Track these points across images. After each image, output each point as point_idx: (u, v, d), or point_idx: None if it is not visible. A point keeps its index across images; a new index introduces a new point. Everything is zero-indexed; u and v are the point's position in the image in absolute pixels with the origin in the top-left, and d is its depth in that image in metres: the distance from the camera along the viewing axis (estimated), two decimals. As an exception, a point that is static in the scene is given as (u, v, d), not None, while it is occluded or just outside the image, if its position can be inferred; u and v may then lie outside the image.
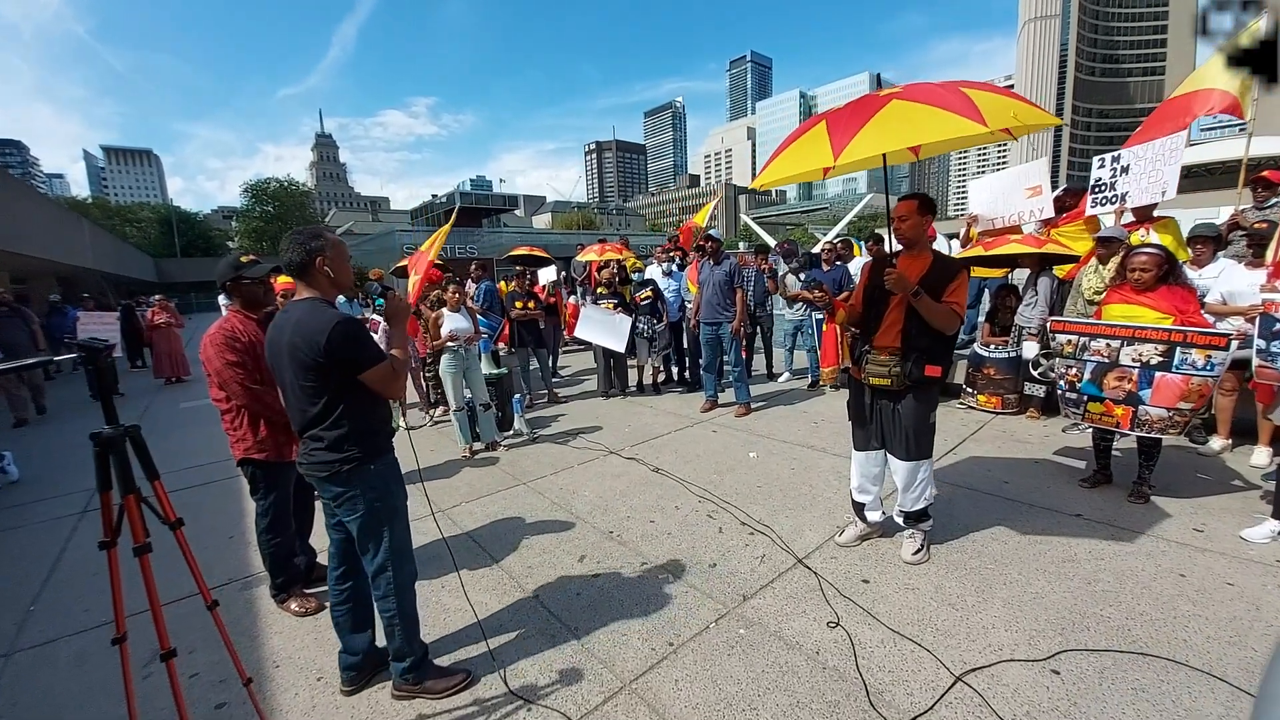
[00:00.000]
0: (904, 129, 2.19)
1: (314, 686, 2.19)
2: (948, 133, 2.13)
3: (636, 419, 5.70)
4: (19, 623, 2.69)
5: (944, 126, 2.11)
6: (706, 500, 3.64)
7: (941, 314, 2.52)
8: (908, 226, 2.64)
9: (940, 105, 2.14)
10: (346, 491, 1.93)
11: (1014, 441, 4.43)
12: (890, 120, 2.21)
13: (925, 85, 2.32)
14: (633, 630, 2.39)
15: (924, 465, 2.74)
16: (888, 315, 2.68)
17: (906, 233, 2.65)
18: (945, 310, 2.53)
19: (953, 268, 2.64)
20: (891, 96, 2.29)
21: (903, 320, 2.62)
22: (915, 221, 2.63)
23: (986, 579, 2.62)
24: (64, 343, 2.87)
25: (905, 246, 2.71)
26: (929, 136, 2.16)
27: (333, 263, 1.93)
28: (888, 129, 2.20)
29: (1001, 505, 3.36)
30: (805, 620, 2.40)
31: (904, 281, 2.50)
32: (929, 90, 2.25)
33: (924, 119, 2.16)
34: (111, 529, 1.47)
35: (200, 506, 3.99)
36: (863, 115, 2.27)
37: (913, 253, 2.70)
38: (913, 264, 2.66)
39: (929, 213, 2.64)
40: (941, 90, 2.22)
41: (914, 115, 2.19)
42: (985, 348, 5.22)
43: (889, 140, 2.20)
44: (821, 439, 4.72)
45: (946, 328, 2.56)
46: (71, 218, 19.97)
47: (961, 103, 2.11)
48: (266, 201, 50.14)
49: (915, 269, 2.63)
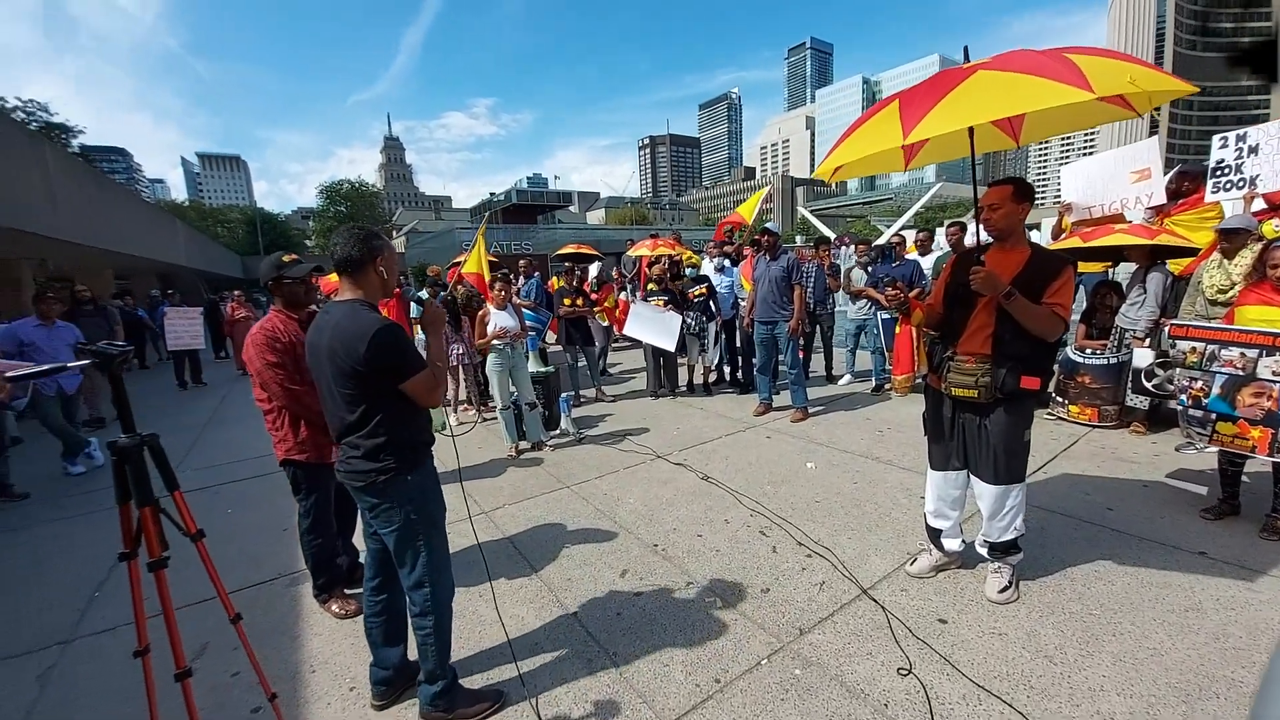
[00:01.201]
0: (988, 101, 1.86)
1: (346, 697, 2.12)
2: (1043, 101, 1.76)
3: (686, 421, 5.47)
4: (82, 609, 2.80)
5: (1038, 94, 1.75)
6: (759, 514, 3.38)
7: (1041, 318, 2.17)
8: (999, 216, 2.29)
9: (1034, 72, 1.79)
10: (382, 503, 1.84)
11: (1117, 460, 3.90)
12: (972, 93, 1.89)
13: (1020, 52, 1.97)
14: (676, 661, 2.18)
15: (1015, 490, 2.38)
16: (974, 317, 2.33)
17: (998, 223, 2.30)
18: (1045, 313, 2.17)
19: (1055, 264, 2.26)
20: (976, 68, 1.96)
21: (993, 324, 2.28)
22: (1009, 210, 2.27)
23: (1091, 628, 2.25)
24: (77, 349, 2.98)
25: (997, 239, 2.36)
26: (1020, 107, 1.81)
27: (387, 264, 1.89)
28: (967, 102, 1.87)
29: (1106, 537, 2.92)
30: (871, 664, 2.12)
31: (994, 281, 2.16)
32: (1023, 57, 1.90)
33: (1012, 88, 1.82)
34: (131, 540, 1.40)
35: (259, 499, 4.10)
36: (940, 90, 1.95)
37: (1005, 246, 2.34)
38: (1006, 259, 2.30)
39: (1025, 200, 2.27)
40: (1039, 56, 1.87)
41: (1001, 85, 1.85)
42: (1080, 352, 4.64)
43: (969, 113, 1.87)
44: (888, 450, 4.34)
45: (1048, 333, 2.20)
46: (168, 219, 21.75)
47: (1061, 68, 1.76)
48: (340, 202, 53.24)
49: (1009, 266, 2.27)
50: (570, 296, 6.28)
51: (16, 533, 3.79)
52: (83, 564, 3.25)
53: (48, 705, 2.17)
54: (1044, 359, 2.29)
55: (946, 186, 46.76)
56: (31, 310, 5.01)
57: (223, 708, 2.09)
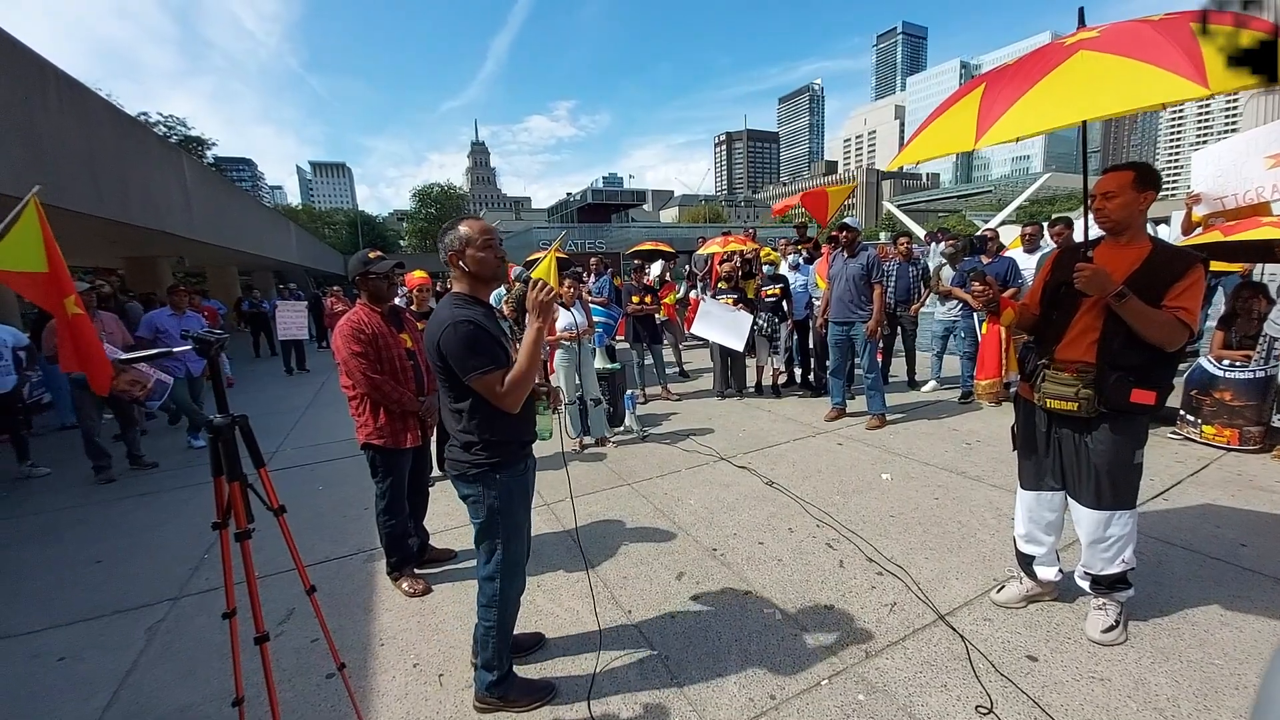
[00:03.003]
0: (1078, 96, 1.60)
1: (409, 673, 2.23)
2: (1145, 99, 1.48)
3: (752, 423, 5.32)
4: (194, 567, 3.14)
5: (1139, 90, 1.48)
6: (826, 525, 3.21)
7: (1160, 324, 1.88)
8: (1116, 206, 2.00)
9: (1142, 56, 1.51)
10: (471, 494, 1.90)
11: (1255, 489, 3.36)
12: (1065, 82, 1.63)
13: (1136, 24, 1.66)
14: (730, 674, 2.11)
15: (1122, 517, 2.09)
16: (1077, 321, 2.07)
17: (1114, 214, 2.01)
18: (1166, 320, 1.88)
19: (1181, 262, 1.94)
20: (1080, 45, 1.69)
21: (1100, 328, 2.01)
22: (1127, 200, 1.98)
23: (1212, 679, 1.94)
24: (181, 335, 3.33)
25: (1111, 233, 2.07)
26: (1110, 108, 1.53)
27: (473, 254, 1.82)
28: (1055, 96, 1.63)
29: (1236, 576, 2.52)
30: (946, 697, 1.94)
31: (1101, 280, 1.90)
32: (1136, 32, 1.61)
33: (1111, 79, 1.55)
34: (223, 511, 1.53)
35: (347, 477, 4.43)
36: (1033, 74, 1.70)
37: (1121, 241, 2.05)
38: (1120, 256, 2.02)
39: (1149, 189, 1.97)
40: (1153, 32, 1.56)
41: (1099, 73, 1.59)
42: (1217, 364, 4.04)
43: (1052, 114, 1.62)
44: (976, 464, 3.99)
45: (1167, 342, 1.91)
46: (282, 222, 24.10)
47: (1178, 51, 1.46)
48: (430, 204, 56.79)
49: (1123, 263, 1.99)
50: (638, 294, 6.29)
51: (144, 497, 4.33)
52: (199, 528, 3.63)
53: (152, 655, 2.43)
54: (1162, 370, 1.99)
55: (1056, 176, 42.41)
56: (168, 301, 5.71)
57: (301, 671, 2.25)
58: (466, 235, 1.84)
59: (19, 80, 6.15)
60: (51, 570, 3.23)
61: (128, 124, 9.14)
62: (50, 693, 2.23)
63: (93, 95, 7.92)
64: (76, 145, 7.14)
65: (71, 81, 7.31)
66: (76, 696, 2.19)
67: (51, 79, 6.80)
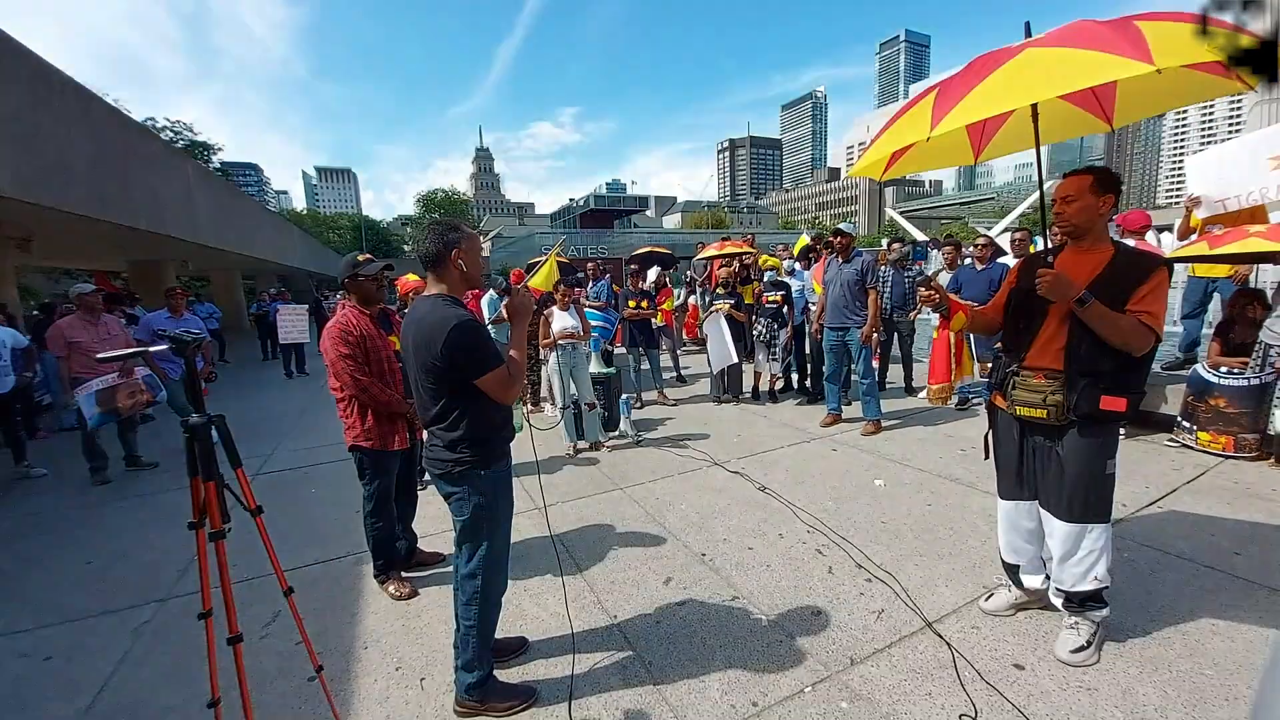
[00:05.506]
0: (1028, 83, 1.65)
1: (391, 676, 2.22)
2: (1090, 78, 1.55)
3: (748, 428, 5.31)
4: (182, 569, 3.13)
5: (1085, 71, 1.54)
6: (816, 531, 3.19)
7: (1123, 329, 1.86)
8: (1075, 210, 1.98)
9: (1087, 45, 1.57)
10: (456, 492, 1.92)
11: (1250, 497, 3.33)
12: (1013, 75, 1.69)
13: (1080, 24, 1.74)
14: (713, 678, 2.09)
15: (1094, 530, 2.03)
16: (1044, 328, 2.06)
17: (1073, 218, 1.99)
18: (1129, 324, 1.86)
19: (1144, 266, 1.93)
20: (1025, 46, 1.76)
21: (1067, 335, 1.99)
22: (1086, 204, 1.96)
23: (1201, 690, 1.91)
24: (156, 334, 3.39)
25: (1071, 237, 2.06)
26: (1063, 87, 1.59)
27: (466, 256, 1.88)
28: (1006, 85, 1.68)
29: (1230, 586, 2.49)
30: (930, 705, 1.92)
31: (1062, 285, 1.88)
32: (1080, 29, 1.68)
33: (1059, 66, 1.61)
34: (198, 511, 1.53)
35: (339, 479, 4.42)
36: (979, 74, 1.76)
37: (1083, 246, 2.04)
38: (1082, 261, 2.01)
39: (1108, 192, 1.95)
40: (1099, 26, 1.63)
41: (1047, 63, 1.65)
42: (1214, 371, 4.01)
43: (1004, 98, 1.68)
44: (970, 471, 3.96)
45: (1132, 347, 1.88)
46: (287, 227, 24.28)
47: (1119, 38, 1.52)
48: (434, 209, 57.21)
49: (1085, 268, 1.97)
50: (634, 299, 6.30)
51: (139, 499, 4.34)
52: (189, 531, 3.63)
53: (137, 655, 2.43)
54: (1131, 376, 1.95)
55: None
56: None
57: (283, 673, 2.24)
58: (470, 237, 1.89)
59: (26, 86, 6.23)
60: (42, 571, 3.24)
61: (134, 129, 9.24)
62: (35, 692, 2.23)
63: (98, 101, 8.02)
64: (82, 150, 7.21)
65: (78, 87, 7.41)
66: (61, 696, 2.19)
67: (58, 85, 6.89)
